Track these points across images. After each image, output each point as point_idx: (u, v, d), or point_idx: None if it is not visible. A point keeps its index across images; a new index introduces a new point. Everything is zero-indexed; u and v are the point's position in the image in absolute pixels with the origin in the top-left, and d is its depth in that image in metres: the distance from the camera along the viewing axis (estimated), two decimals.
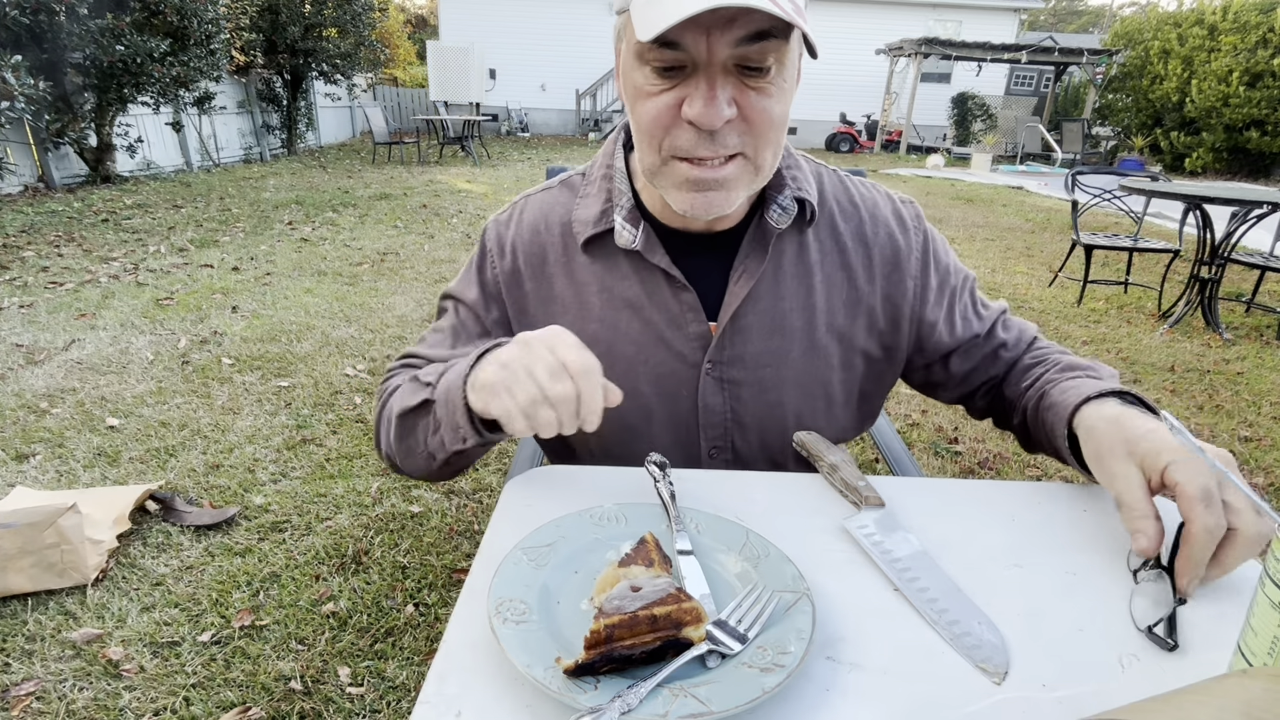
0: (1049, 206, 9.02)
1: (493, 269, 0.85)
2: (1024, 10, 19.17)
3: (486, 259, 0.85)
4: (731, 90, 0.64)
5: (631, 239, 0.77)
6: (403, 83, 23.88)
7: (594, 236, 0.80)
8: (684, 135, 0.66)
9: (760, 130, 0.66)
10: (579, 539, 0.60)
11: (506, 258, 0.84)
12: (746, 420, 0.83)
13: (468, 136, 11.70)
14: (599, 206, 0.80)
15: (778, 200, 0.78)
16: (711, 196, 0.69)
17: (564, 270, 0.82)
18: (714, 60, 0.62)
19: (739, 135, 0.66)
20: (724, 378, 0.81)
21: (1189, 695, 0.35)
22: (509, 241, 0.84)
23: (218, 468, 2.30)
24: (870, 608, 0.55)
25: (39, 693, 1.44)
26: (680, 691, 0.44)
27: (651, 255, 0.78)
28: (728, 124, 0.65)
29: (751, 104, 0.65)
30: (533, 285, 0.83)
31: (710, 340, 0.80)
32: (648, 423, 0.83)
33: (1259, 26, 13.98)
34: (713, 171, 0.67)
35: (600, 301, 0.81)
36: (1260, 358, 3.66)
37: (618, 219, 0.78)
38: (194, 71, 8.00)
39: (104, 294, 3.99)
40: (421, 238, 5.80)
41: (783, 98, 0.66)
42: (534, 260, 0.83)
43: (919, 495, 0.71)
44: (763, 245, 0.79)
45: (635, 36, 0.62)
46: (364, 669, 1.54)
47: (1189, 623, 0.54)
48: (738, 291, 0.78)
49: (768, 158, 0.70)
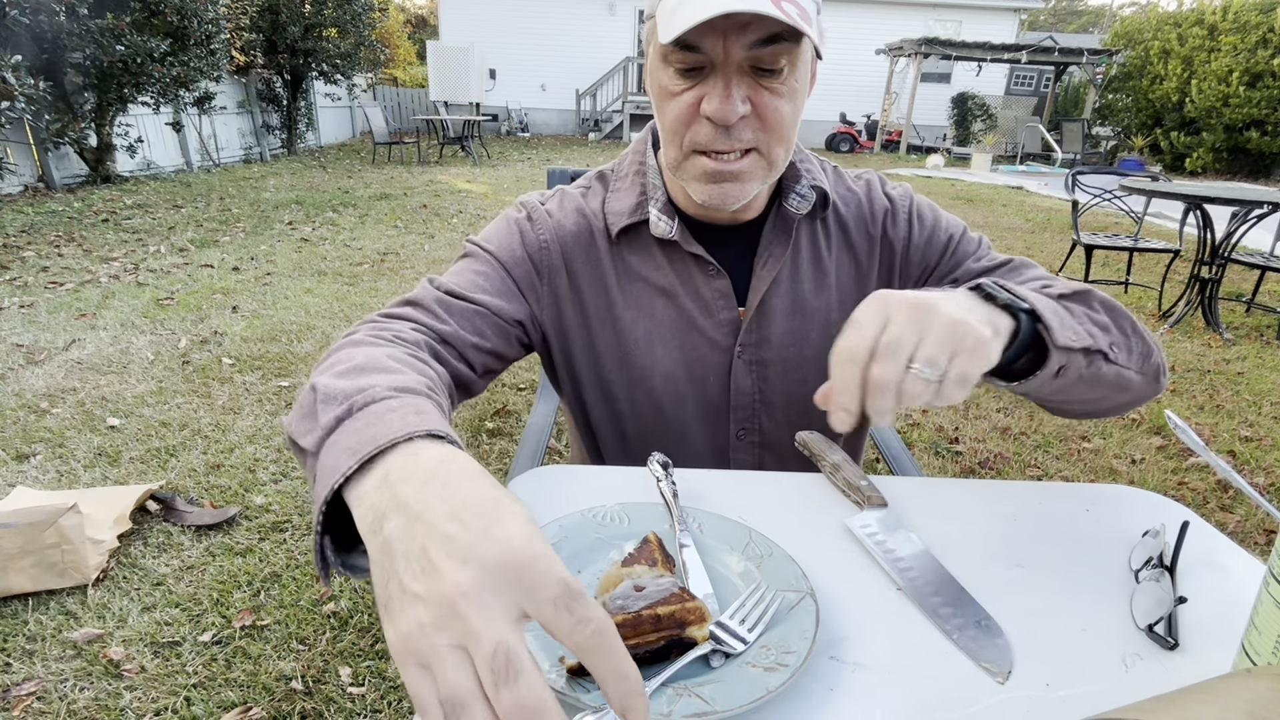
0: (1049, 206, 9.02)
1: (542, 236, 0.84)
2: (1024, 10, 19.17)
3: (535, 225, 0.85)
4: (746, 89, 0.68)
5: (669, 229, 0.81)
6: (403, 83, 23.88)
7: (628, 227, 0.83)
8: (703, 130, 0.71)
9: (773, 126, 0.71)
10: (581, 539, 0.60)
11: (558, 230, 0.85)
12: (774, 400, 0.87)
13: (468, 136, 11.70)
14: (633, 199, 0.84)
15: (795, 189, 0.83)
16: (728, 188, 0.73)
17: (600, 259, 0.85)
18: (730, 61, 0.67)
19: (753, 131, 0.71)
20: (753, 360, 0.85)
21: (1193, 695, 0.35)
22: (557, 219, 0.86)
23: (218, 467, 2.30)
24: (873, 607, 0.55)
25: (40, 692, 1.44)
26: (684, 691, 0.44)
27: (687, 244, 0.82)
28: (742, 120, 0.69)
29: (765, 102, 0.69)
30: (580, 265, 0.85)
31: (740, 325, 0.84)
32: (681, 406, 0.86)
33: (1259, 26, 13.98)
34: (729, 164, 0.72)
35: (636, 289, 0.85)
36: (1260, 358, 3.66)
37: (653, 210, 0.82)
38: (194, 71, 8.00)
39: (104, 294, 3.99)
40: (422, 238, 5.80)
41: (794, 98, 0.71)
42: (583, 239, 0.85)
43: (921, 495, 0.71)
44: (785, 232, 0.84)
45: (659, 40, 0.66)
46: (365, 669, 1.54)
47: (1191, 622, 0.54)
48: (764, 276, 0.83)
49: (779, 153, 0.74)
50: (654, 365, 0.85)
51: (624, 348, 0.85)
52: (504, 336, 0.79)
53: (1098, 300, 0.71)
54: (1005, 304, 0.58)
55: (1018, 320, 0.58)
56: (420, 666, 0.31)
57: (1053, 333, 0.58)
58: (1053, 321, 0.59)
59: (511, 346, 0.81)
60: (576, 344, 0.86)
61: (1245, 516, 2.25)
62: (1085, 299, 0.70)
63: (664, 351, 0.84)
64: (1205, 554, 0.63)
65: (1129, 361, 0.68)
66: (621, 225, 0.83)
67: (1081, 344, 0.61)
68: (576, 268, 0.85)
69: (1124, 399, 0.73)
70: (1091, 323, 0.67)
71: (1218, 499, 2.35)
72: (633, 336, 0.85)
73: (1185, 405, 3.09)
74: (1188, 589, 0.58)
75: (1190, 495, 2.38)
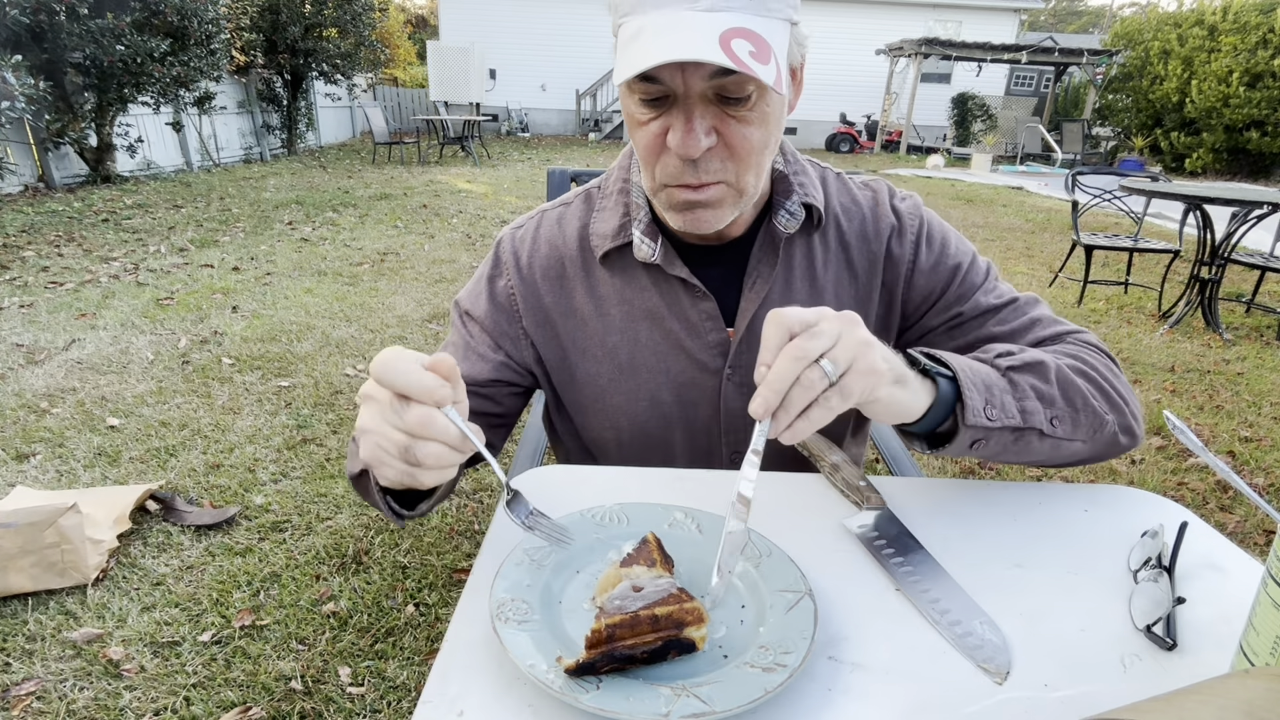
0: (1049, 207, 9.02)
1: (506, 281, 0.85)
2: (1024, 10, 19.17)
3: (500, 271, 0.86)
4: (711, 119, 0.66)
5: (651, 252, 0.79)
6: (403, 83, 23.88)
7: (612, 250, 0.81)
8: (671, 163, 0.69)
9: (741, 156, 0.68)
10: (581, 539, 0.60)
11: (523, 270, 0.84)
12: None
13: (468, 136, 11.70)
14: (616, 220, 0.82)
15: (785, 206, 0.80)
16: (700, 214, 0.72)
17: (583, 283, 0.84)
18: (690, 93, 0.64)
19: (721, 161, 0.69)
20: (744, 382, 0.82)
21: (1191, 695, 0.35)
22: (525, 255, 0.85)
23: (218, 467, 2.30)
24: (872, 608, 0.55)
25: (39, 692, 1.44)
26: (682, 691, 0.44)
27: (671, 268, 0.79)
28: (709, 151, 0.67)
29: (732, 131, 0.67)
30: (552, 299, 0.84)
31: (729, 346, 0.82)
32: (668, 430, 0.85)
33: (1259, 27, 13.98)
34: (697, 194, 0.70)
35: (620, 313, 0.83)
36: (1260, 358, 3.66)
37: (636, 233, 0.80)
38: (194, 71, 8.00)
39: (104, 294, 3.99)
40: (421, 238, 5.80)
41: (765, 123, 0.68)
42: (552, 274, 0.84)
43: (920, 495, 0.71)
44: (773, 250, 0.81)
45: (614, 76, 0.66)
46: (365, 669, 1.54)
47: (1190, 623, 0.54)
48: (753, 297, 0.81)
49: (749, 181, 0.72)
50: (639, 389, 0.83)
51: (607, 375, 0.84)
52: (506, 398, 0.85)
53: (1059, 369, 0.70)
54: (924, 369, 0.63)
55: (937, 384, 0.63)
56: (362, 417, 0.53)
57: (965, 410, 0.62)
58: (972, 399, 0.62)
59: (518, 399, 0.87)
60: (558, 377, 0.86)
61: (1244, 517, 2.25)
62: (1038, 370, 0.69)
63: (650, 376, 0.83)
64: (1204, 554, 0.63)
65: (1073, 433, 0.69)
66: (605, 249, 0.81)
67: (1002, 423, 0.64)
68: (547, 303, 0.84)
69: (1073, 461, 0.74)
70: (1036, 397, 0.67)
71: (1217, 499, 2.35)
72: (615, 362, 0.83)
73: (1185, 405, 3.09)
74: (1186, 589, 0.58)
75: (1189, 496, 2.38)
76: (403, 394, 0.50)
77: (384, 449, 0.51)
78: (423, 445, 0.51)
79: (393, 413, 0.51)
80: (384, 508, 0.65)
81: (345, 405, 2.77)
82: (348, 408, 2.75)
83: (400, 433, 0.51)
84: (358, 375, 3.07)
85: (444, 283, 4.55)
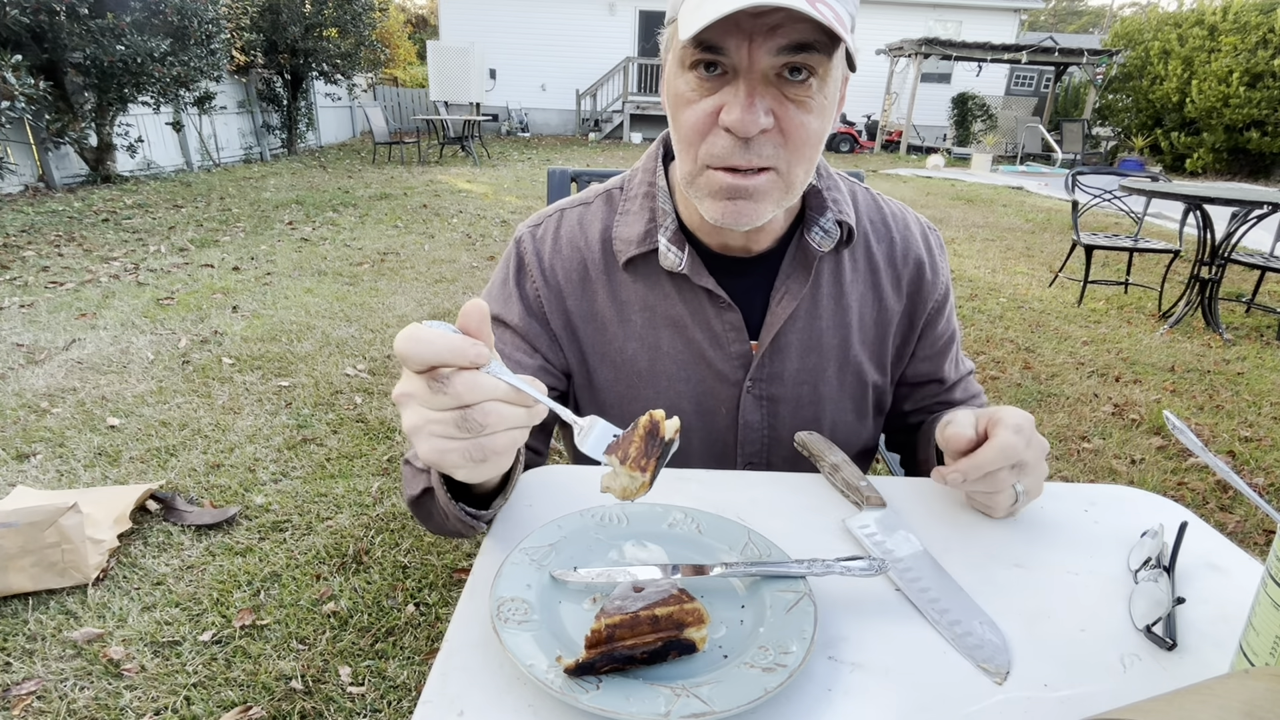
0: (1049, 207, 9.02)
1: (533, 284, 0.83)
2: (1024, 10, 19.16)
3: (525, 274, 0.84)
4: (770, 101, 0.63)
5: (678, 261, 0.77)
6: (403, 83, 23.87)
7: (636, 256, 0.79)
8: (720, 142, 0.65)
9: (795, 144, 0.66)
10: (580, 539, 0.60)
11: (546, 272, 0.83)
12: (783, 435, 0.84)
13: (468, 136, 11.69)
14: (642, 226, 0.80)
15: (819, 223, 0.79)
16: (741, 205, 0.68)
17: (606, 287, 0.82)
18: (754, 68, 0.62)
19: (774, 147, 0.65)
20: (764, 395, 0.82)
21: (1191, 695, 0.35)
22: (547, 256, 0.83)
23: (218, 467, 2.30)
24: (872, 608, 0.55)
25: (40, 692, 1.44)
26: (682, 691, 0.44)
27: (698, 278, 0.78)
28: (763, 134, 0.64)
29: (789, 116, 0.64)
30: (574, 302, 0.83)
31: (752, 359, 0.81)
32: (686, 438, 0.84)
33: (1259, 27, 13.98)
34: (745, 180, 0.66)
35: (642, 320, 0.81)
36: (1260, 358, 3.66)
37: (662, 240, 0.78)
38: (194, 71, 8.00)
39: (104, 294, 3.99)
40: (422, 238, 5.80)
41: (822, 114, 0.65)
42: (574, 276, 0.82)
43: (919, 495, 0.71)
44: (805, 267, 0.80)
45: (680, 41, 0.62)
46: (365, 668, 1.54)
47: (1190, 623, 0.54)
48: (780, 313, 0.80)
49: (799, 174, 0.69)
50: (657, 397, 0.82)
51: (626, 381, 0.83)
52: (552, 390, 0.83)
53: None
54: None
55: None
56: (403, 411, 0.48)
57: None
58: None
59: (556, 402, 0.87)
60: (576, 381, 0.85)
61: (1244, 517, 2.25)
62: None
63: (669, 384, 0.82)
64: (1204, 554, 0.63)
65: None
66: (629, 255, 0.79)
67: None
68: (569, 306, 0.82)
69: None
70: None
71: (1217, 499, 2.35)
72: (635, 369, 0.82)
73: (1185, 405, 3.09)
74: (1186, 589, 0.58)
75: (1189, 495, 2.38)
76: (435, 367, 0.45)
77: (440, 435, 0.46)
78: (478, 410, 0.45)
79: (433, 394, 0.45)
80: (457, 516, 0.60)
81: (345, 405, 2.77)
82: (348, 408, 2.76)
83: (449, 411, 0.45)
84: (358, 375, 3.07)
85: (444, 283, 4.55)
